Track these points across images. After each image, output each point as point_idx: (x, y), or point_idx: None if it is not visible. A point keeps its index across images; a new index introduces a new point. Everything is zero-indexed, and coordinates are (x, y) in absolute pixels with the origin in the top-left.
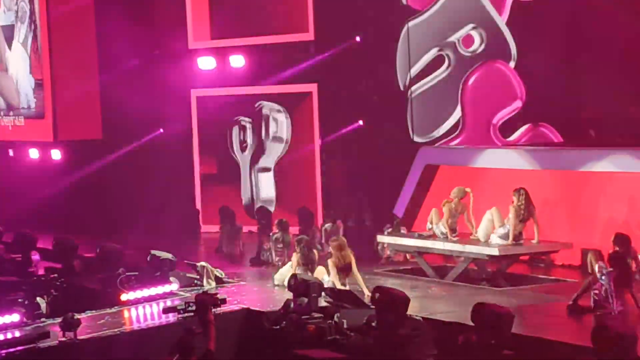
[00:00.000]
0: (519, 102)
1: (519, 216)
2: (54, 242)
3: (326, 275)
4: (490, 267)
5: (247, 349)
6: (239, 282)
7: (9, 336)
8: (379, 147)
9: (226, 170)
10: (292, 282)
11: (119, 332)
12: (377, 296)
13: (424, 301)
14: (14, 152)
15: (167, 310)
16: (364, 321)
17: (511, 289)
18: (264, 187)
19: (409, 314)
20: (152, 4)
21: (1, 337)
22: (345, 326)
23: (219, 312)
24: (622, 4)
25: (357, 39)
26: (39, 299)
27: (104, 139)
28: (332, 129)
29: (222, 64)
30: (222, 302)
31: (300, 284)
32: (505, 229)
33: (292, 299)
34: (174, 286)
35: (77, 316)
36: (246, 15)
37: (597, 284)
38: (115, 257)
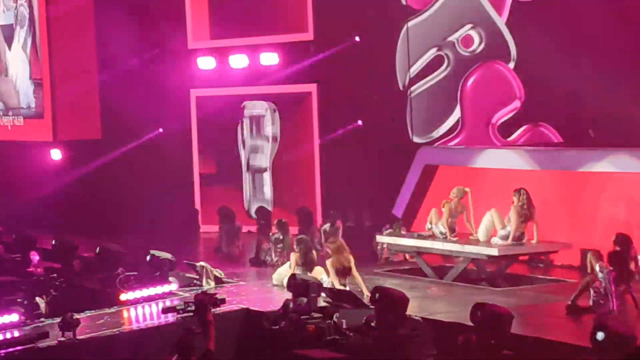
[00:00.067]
0: (518, 102)
1: (521, 217)
2: (53, 242)
3: (324, 275)
4: (489, 267)
5: (246, 349)
6: (239, 282)
7: (8, 336)
8: (379, 147)
9: (225, 170)
10: (292, 282)
11: (118, 332)
12: (377, 296)
13: (424, 301)
14: (14, 152)
15: (166, 310)
16: (363, 321)
17: (510, 289)
18: (259, 187)
19: (408, 314)
20: (151, 4)
21: (0, 337)
22: (344, 326)
23: (218, 312)
24: (621, 4)
25: (357, 39)
26: (38, 298)
27: (103, 139)
28: (331, 129)
29: (222, 64)
30: (222, 302)
31: (299, 284)
32: (506, 231)
33: (292, 299)
34: (173, 286)
35: (76, 316)
36: (246, 15)
37: (596, 283)
38: (114, 257)
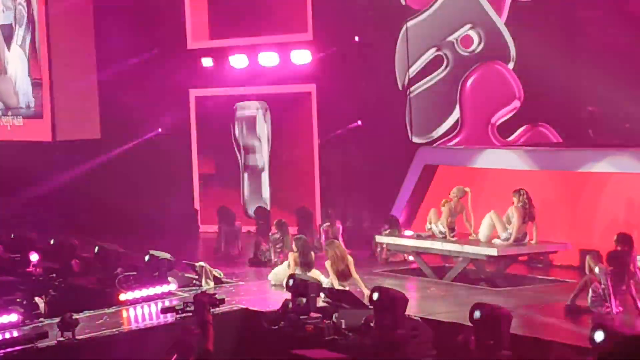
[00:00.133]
0: (517, 102)
1: (524, 217)
2: (52, 242)
3: (322, 277)
4: (488, 267)
5: (245, 349)
6: (238, 282)
7: (7, 336)
8: (378, 147)
9: (225, 170)
10: (291, 282)
11: (118, 332)
12: (376, 296)
13: (423, 301)
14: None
15: (165, 310)
16: (362, 321)
17: (510, 289)
18: (257, 187)
19: (407, 314)
20: (150, 4)
21: (0, 337)
22: (343, 326)
23: (217, 312)
24: (620, 4)
25: (356, 39)
26: (37, 298)
27: (103, 139)
28: (330, 129)
29: (221, 64)
30: (221, 302)
31: (298, 284)
32: (507, 234)
33: (291, 299)
34: (172, 286)
35: (75, 316)
36: (245, 15)
37: (595, 283)
38: (113, 257)
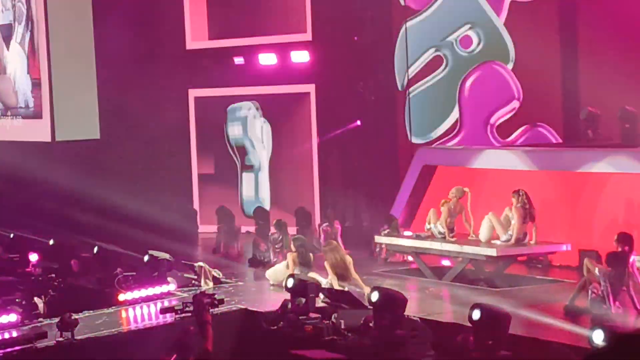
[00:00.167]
0: (516, 103)
1: (524, 217)
2: (51, 242)
3: (320, 277)
4: (488, 267)
5: (244, 349)
6: (237, 282)
7: (7, 336)
8: (377, 148)
9: (224, 170)
10: (290, 283)
11: (117, 332)
12: (375, 297)
13: (422, 302)
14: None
15: (164, 310)
16: (362, 322)
17: (509, 289)
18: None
19: (406, 314)
20: (150, 4)
21: None
22: (342, 326)
23: (216, 313)
24: (619, 4)
25: (355, 39)
26: (36, 298)
27: (102, 139)
28: (329, 129)
29: (221, 64)
30: (220, 302)
31: (297, 285)
32: (508, 236)
33: (290, 300)
34: (171, 286)
35: (74, 316)
36: (244, 15)
37: (594, 284)
38: (112, 257)
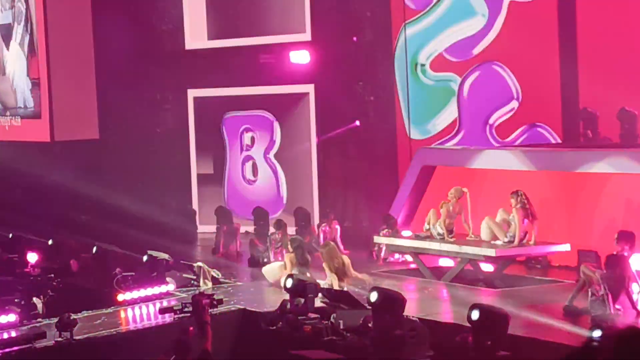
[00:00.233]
0: (515, 103)
1: (524, 217)
2: (50, 242)
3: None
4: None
5: (243, 350)
6: (236, 282)
7: (5, 336)
8: (376, 148)
9: (223, 170)
10: (289, 283)
11: (116, 332)
12: (374, 297)
13: (421, 302)
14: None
15: (163, 310)
16: (361, 322)
17: (508, 289)
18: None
19: (405, 314)
20: (149, 4)
21: None
22: (341, 327)
23: (215, 313)
24: (619, 4)
25: (355, 39)
26: (35, 299)
27: (101, 139)
28: (328, 130)
29: (220, 64)
30: (219, 302)
31: (296, 285)
32: (509, 237)
33: (289, 300)
34: (170, 286)
35: (73, 316)
36: (243, 15)
37: (594, 285)
38: (111, 257)
